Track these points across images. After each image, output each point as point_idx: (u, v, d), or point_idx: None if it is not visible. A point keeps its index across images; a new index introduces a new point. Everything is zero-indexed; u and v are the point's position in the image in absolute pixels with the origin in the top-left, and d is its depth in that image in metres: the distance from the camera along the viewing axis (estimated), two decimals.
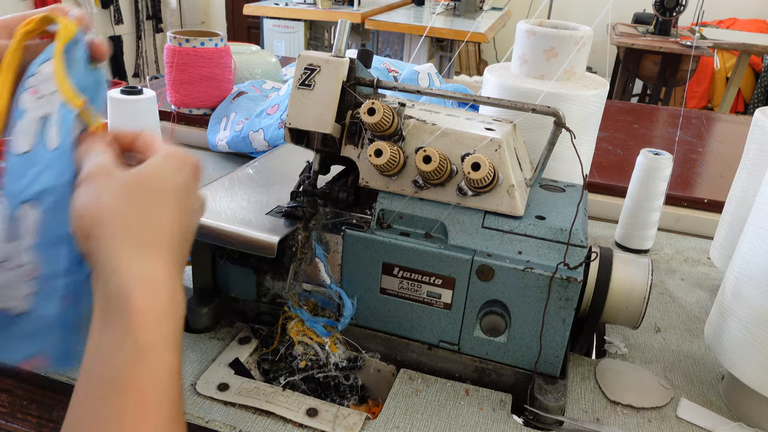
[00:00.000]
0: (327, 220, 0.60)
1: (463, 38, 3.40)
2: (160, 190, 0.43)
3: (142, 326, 0.37)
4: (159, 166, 0.44)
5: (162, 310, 0.39)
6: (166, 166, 0.44)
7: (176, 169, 0.44)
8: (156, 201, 0.42)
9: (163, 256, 0.41)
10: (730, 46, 3.61)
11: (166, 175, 0.44)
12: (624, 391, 0.60)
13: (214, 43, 1.20)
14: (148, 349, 0.37)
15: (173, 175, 0.44)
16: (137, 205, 0.41)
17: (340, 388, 0.63)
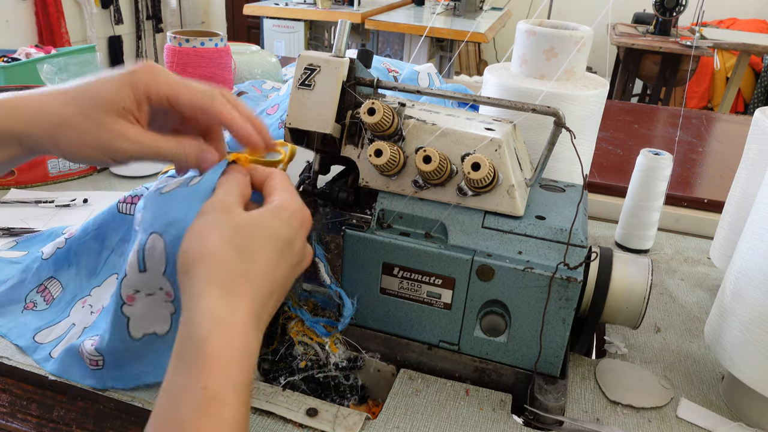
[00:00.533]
0: (327, 220, 0.60)
1: (463, 38, 3.40)
2: (263, 239, 0.45)
3: (212, 372, 0.38)
4: (269, 216, 0.46)
5: (235, 358, 0.39)
6: (276, 217, 0.46)
7: (284, 221, 0.46)
8: (256, 250, 0.44)
9: (248, 304, 0.42)
10: (730, 46, 3.61)
11: (273, 226, 0.46)
12: (624, 391, 0.60)
13: (214, 43, 1.20)
14: (216, 397, 0.38)
15: (279, 228, 0.46)
16: (238, 250, 0.43)
17: (340, 388, 0.63)
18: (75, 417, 0.55)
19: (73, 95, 0.48)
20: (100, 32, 4.29)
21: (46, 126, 0.48)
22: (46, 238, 0.77)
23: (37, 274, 0.65)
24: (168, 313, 0.51)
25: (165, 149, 0.49)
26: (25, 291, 0.65)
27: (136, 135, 0.48)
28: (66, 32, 3.84)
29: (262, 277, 0.44)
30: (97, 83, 0.48)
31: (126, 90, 0.48)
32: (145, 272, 0.50)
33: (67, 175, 1.02)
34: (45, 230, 0.78)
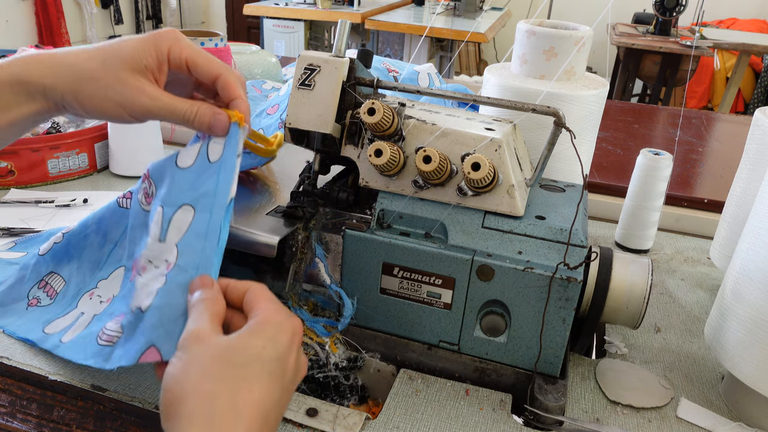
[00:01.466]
0: (327, 220, 0.60)
1: (463, 38, 3.40)
2: (246, 364, 0.41)
3: None
4: (250, 336, 0.43)
5: None
6: (260, 335, 0.43)
7: (269, 339, 0.43)
8: (241, 378, 0.41)
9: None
10: (730, 46, 3.61)
11: (256, 347, 0.42)
12: (624, 391, 0.60)
13: (214, 43, 1.20)
14: None
15: (263, 348, 0.42)
16: (220, 382, 0.40)
17: (340, 388, 0.63)
18: (75, 417, 0.55)
19: (99, 52, 0.50)
20: (100, 32, 4.29)
21: (70, 79, 0.49)
22: (44, 240, 0.76)
23: (36, 270, 0.65)
24: (156, 287, 0.50)
25: (180, 108, 0.51)
26: (26, 288, 0.65)
27: (155, 92, 0.51)
28: (66, 32, 3.84)
29: (252, 407, 0.40)
30: (122, 42, 0.51)
31: (149, 49, 0.50)
32: (164, 242, 0.51)
33: (67, 175, 1.02)
34: (44, 232, 0.78)
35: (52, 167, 1.00)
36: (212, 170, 0.51)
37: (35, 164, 0.98)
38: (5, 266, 0.70)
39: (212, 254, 0.50)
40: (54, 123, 1.08)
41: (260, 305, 0.46)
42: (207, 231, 0.50)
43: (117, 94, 0.50)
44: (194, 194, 0.51)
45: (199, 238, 0.50)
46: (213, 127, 0.52)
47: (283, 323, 0.45)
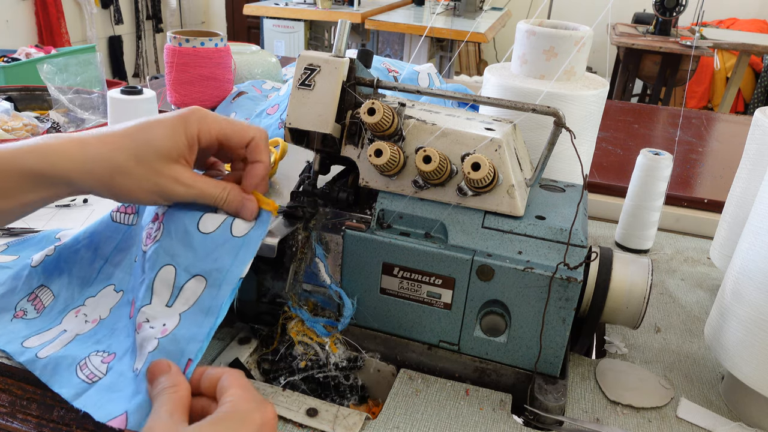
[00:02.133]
0: (327, 220, 0.60)
1: (463, 38, 3.40)
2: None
3: None
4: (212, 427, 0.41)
5: None
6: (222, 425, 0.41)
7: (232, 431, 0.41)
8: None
9: None
10: (730, 46, 3.61)
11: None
12: (624, 391, 0.60)
13: (214, 43, 1.20)
14: None
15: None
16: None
17: (340, 388, 0.63)
18: (75, 417, 0.55)
19: (129, 142, 0.50)
20: (100, 32, 4.29)
21: (100, 174, 0.49)
22: (38, 242, 0.75)
23: (28, 282, 0.64)
24: (148, 351, 0.50)
25: (212, 193, 0.53)
26: (15, 299, 0.63)
27: (189, 179, 0.52)
28: (66, 32, 3.84)
29: None
30: (151, 129, 0.50)
31: (180, 137, 0.51)
32: (170, 308, 0.52)
33: None
34: (37, 234, 0.77)
35: None
36: (233, 245, 0.53)
37: None
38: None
39: (207, 329, 0.50)
40: (54, 123, 1.08)
41: (230, 392, 0.44)
42: (211, 307, 0.51)
43: (152, 184, 0.50)
44: (210, 266, 0.52)
45: (202, 313, 0.51)
46: (241, 212, 0.54)
47: (250, 413, 0.42)
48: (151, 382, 0.46)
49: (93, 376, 0.53)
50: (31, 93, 1.23)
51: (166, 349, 0.49)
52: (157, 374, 0.46)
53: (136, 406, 0.48)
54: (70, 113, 1.14)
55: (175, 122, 0.51)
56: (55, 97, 1.13)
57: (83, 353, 0.55)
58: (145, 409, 0.47)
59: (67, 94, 1.14)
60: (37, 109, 1.22)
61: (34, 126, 1.05)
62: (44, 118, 1.10)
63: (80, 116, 1.13)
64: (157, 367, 0.47)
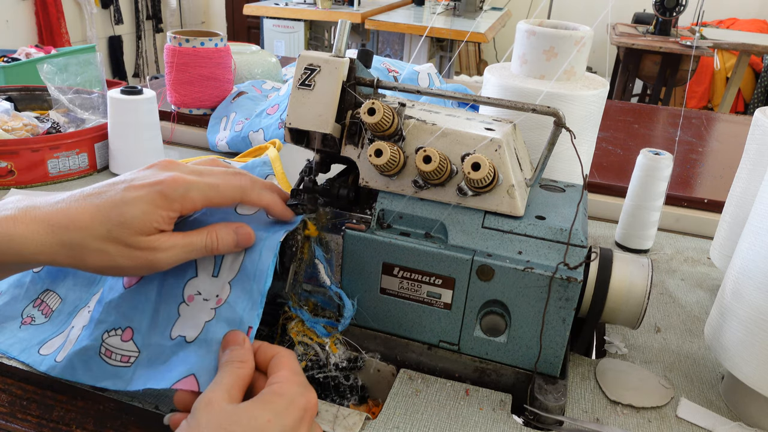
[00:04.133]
0: (327, 220, 0.60)
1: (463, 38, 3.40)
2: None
3: None
4: (259, 406, 0.42)
5: None
6: (267, 408, 0.42)
7: (277, 413, 0.42)
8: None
9: None
10: (730, 46, 3.62)
11: (261, 419, 0.41)
12: (624, 391, 0.60)
13: (214, 43, 1.20)
14: None
15: (270, 421, 0.42)
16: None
17: (340, 388, 0.63)
18: (75, 417, 0.55)
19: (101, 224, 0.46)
20: (100, 32, 4.29)
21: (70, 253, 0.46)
22: None
23: (31, 288, 0.64)
24: (204, 320, 0.51)
25: (199, 243, 0.50)
26: (20, 307, 0.63)
27: (167, 242, 0.48)
28: (66, 32, 3.84)
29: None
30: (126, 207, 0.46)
31: (159, 213, 0.47)
32: (216, 278, 0.52)
33: (67, 175, 1.02)
34: None
35: (52, 167, 1.00)
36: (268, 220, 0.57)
37: (35, 164, 0.98)
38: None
39: (259, 296, 0.51)
40: (54, 123, 1.08)
41: (280, 374, 0.45)
42: (255, 272, 0.52)
43: (127, 259, 0.47)
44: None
45: (248, 279, 0.52)
46: (240, 243, 0.51)
47: (296, 398, 0.44)
48: (224, 348, 0.47)
49: (126, 357, 0.53)
50: (31, 93, 1.23)
51: (225, 317, 0.50)
52: (230, 343, 0.47)
53: (205, 369, 0.49)
54: (70, 113, 1.14)
55: (155, 198, 0.47)
56: (55, 97, 1.13)
57: (96, 340, 0.55)
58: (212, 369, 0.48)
59: (67, 94, 1.14)
60: (37, 109, 1.22)
61: (34, 126, 1.05)
62: (44, 118, 1.10)
63: (80, 116, 1.13)
64: (231, 338, 0.48)
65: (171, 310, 0.53)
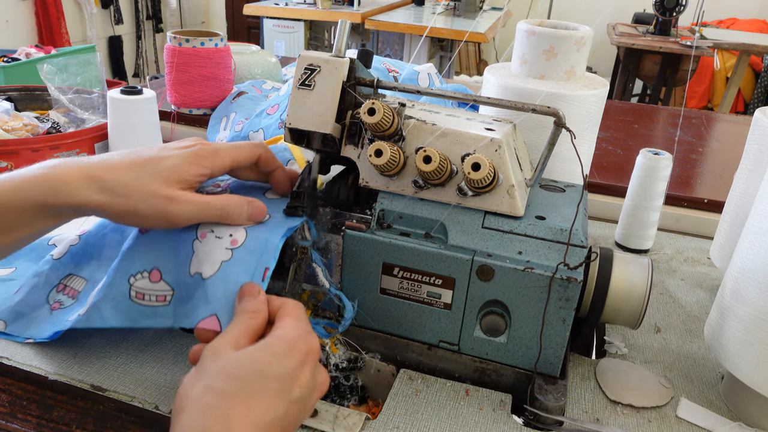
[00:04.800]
0: (327, 220, 0.60)
1: (463, 38, 3.40)
2: (248, 378, 0.42)
3: None
4: (260, 351, 0.44)
5: None
6: (267, 351, 0.44)
7: (277, 355, 0.44)
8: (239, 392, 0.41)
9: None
10: (730, 46, 3.62)
11: (261, 362, 0.43)
12: (624, 390, 0.60)
13: (214, 43, 1.20)
14: None
15: (269, 364, 0.43)
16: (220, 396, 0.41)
17: (340, 388, 0.63)
18: (75, 417, 0.55)
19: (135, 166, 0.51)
20: (100, 32, 4.29)
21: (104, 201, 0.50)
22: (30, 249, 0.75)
23: (52, 275, 0.64)
24: (220, 260, 0.52)
25: (214, 205, 0.53)
26: (43, 294, 0.63)
27: (185, 197, 0.52)
28: (66, 32, 3.84)
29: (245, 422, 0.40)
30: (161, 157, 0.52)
31: (190, 167, 0.52)
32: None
33: None
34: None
35: None
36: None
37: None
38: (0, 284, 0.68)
39: (276, 240, 0.52)
40: (54, 123, 1.08)
41: (284, 321, 0.47)
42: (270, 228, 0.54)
43: (146, 205, 0.50)
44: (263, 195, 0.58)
45: (264, 229, 0.54)
46: (252, 216, 0.54)
47: (298, 342, 0.45)
48: (240, 299, 0.50)
49: (162, 297, 0.54)
50: (31, 93, 1.23)
51: (242, 259, 0.51)
52: (246, 295, 0.49)
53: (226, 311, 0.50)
54: (70, 113, 1.14)
55: (187, 156, 0.53)
56: (55, 97, 1.13)
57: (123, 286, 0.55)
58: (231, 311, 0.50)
59: (67, 94, 1.14)
60: (37, 109, 1.22)
61: (34, 126, 1.05)
62: (44, 118, 1.10)
63: (80, 116, 1.13)
64: (247, 289, 0.50)
65: (187, 247, 0.54)
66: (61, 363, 0.59)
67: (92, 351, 0.61)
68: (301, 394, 0.44)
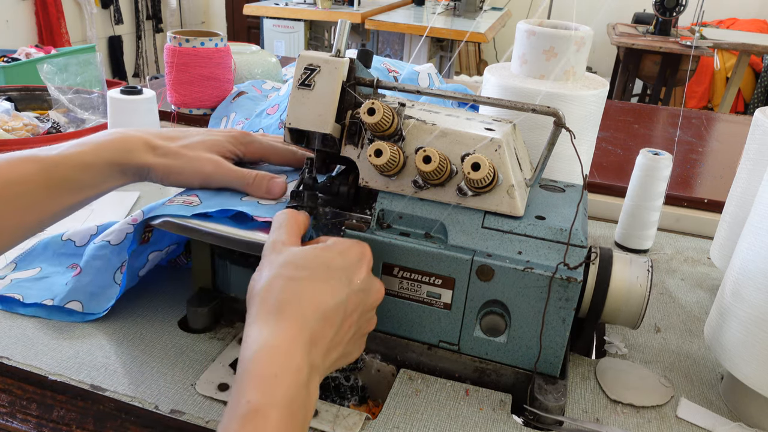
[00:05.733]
0: (327, 220, 0.60)
1: (463, 38, 3.40)
2: (312, 267, 0.48)
3: (254, 388, 0.41)
4: (321, 249, 0.49)
5: (275, 374, 0.42)
6: (330, 250, 0.50)
7: (338, 252, 0.50)
8: (306, 277, 0.47)
9: (293, 326, 0.45)
10: (730, 46, 3.62)
11: (324, 256, 0.49)
12: (624, 390, 0.60)
13: (214, 43, 1.20)
14: (258, 410, 0.40)
15: (331, 258, 0.49)
16: (288, 280, 0.47)
17: (340, 389, 0.63)
18: (75, 417, 0.55)
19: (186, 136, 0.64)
20: (100, 32, 4.29)
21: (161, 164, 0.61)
22: (44, 248, 0.75)
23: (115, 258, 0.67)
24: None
25: (240, 173, 0.61)
26: (109, 275, 0.67)
27: (219, 161, 0.62)
28: (66, 32, 3.84)
29: (310, 302, 0.46)
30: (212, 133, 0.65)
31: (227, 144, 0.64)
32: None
33: None
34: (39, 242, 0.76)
35: None
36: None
37: None
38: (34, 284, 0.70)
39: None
40: (54, 123, 1.08)
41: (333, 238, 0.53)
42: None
43: (187, 165, 0.61)
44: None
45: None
46: (270, 190, 0.61)
47: (354, 245, 0.51)
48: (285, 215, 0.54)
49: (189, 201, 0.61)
50: (31, 93, 1.23)
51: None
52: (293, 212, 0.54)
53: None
54: (70, 113, 1.14)
55: (227, 136, 0.64)
56: (55, 97, 1.13)
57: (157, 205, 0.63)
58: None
59: (67, 94, 1.14)
60: (37, 109, 1.22)
61: (35, 126, 1.05)
62: (44, 118, 1.10)
63: (80, 116, 1.13)
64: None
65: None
66: (61, 363, 0.59)
67: (92, 351, 0.61)
68: (361, 287, 0.50)
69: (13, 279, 0.71)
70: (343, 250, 0.50)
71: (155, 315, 0.67)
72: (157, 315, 0.67)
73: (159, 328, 0.65)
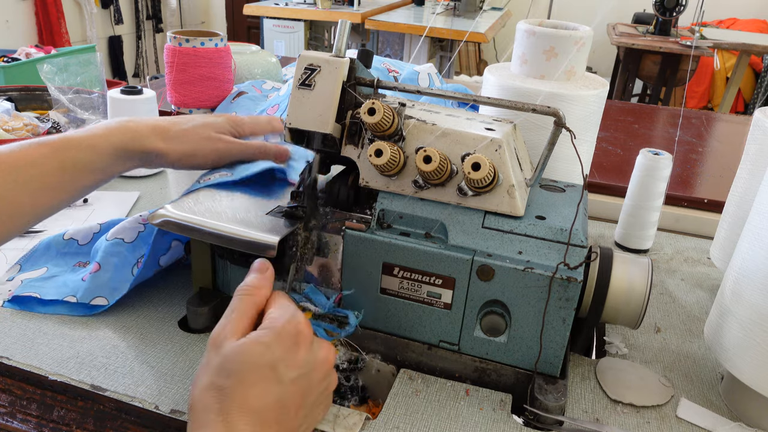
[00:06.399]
0: (327, 220, 0.60)
1: (462, 38, 3.40)
2: (244, 372, 0.45)
3: None
4: (250, 344, 0.47)
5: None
6: (257, 343, 0.47)
7: (265, 345, 0.46)
8: (236, 385, 0.45)
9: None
10: (730, 46, 3.61)
11: (253, 353, 0.46)
12: (625, 390, 0.60)
13: (214, 43, 1.20)
14: None
15: (260, 354, 0.46)
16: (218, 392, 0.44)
17: (340, 389, 0.63)
18: (75, 417, 0.55)
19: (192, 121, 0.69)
20: (100, 32, 4.29)
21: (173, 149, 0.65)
22: (46, 248, 0.75)
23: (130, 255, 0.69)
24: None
25: (251, 145, 0.69)
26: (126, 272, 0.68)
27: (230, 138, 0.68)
28: (66, 32, 3.84)
29: (239, 411, 0.44)
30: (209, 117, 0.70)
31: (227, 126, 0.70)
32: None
33: None
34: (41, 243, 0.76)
35: None
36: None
37: None
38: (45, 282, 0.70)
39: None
40: (54, 123, 1.08)
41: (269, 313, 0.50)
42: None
43: (201, 147, 0.66)
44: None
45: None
46: (278, 155, 0.70)
47: (284, 327, 0.48)
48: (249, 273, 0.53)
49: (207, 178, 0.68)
50: (31, 93, 1.23)
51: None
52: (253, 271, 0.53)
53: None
54: (70, 113, 1.14)
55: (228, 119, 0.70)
56: (55, 97, 1.13)
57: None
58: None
59: (67, 94, 1.14)
60: (37, 109, 1.22)
61: (35, 126, 1.05)
62: (44, 118, 1.10)
63: (80, 116, 1.13)
64: (256, 266, 0.53)
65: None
66: (61, 363, 0.59)
67: (92, 351, 0.61)
68: (299, 373, 0.47)
69: (24, 280, 0.71)
70: (275, 339, 0.47)
71: (155, 315, 0.67)
72: (157, 315, 0.67)
73: (159, 328, 0.65)
